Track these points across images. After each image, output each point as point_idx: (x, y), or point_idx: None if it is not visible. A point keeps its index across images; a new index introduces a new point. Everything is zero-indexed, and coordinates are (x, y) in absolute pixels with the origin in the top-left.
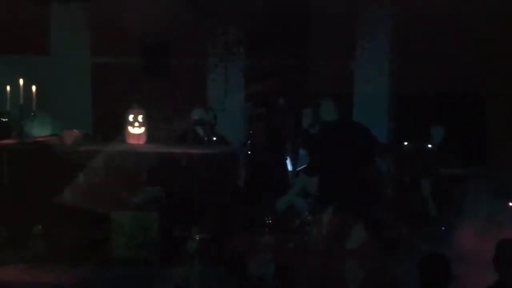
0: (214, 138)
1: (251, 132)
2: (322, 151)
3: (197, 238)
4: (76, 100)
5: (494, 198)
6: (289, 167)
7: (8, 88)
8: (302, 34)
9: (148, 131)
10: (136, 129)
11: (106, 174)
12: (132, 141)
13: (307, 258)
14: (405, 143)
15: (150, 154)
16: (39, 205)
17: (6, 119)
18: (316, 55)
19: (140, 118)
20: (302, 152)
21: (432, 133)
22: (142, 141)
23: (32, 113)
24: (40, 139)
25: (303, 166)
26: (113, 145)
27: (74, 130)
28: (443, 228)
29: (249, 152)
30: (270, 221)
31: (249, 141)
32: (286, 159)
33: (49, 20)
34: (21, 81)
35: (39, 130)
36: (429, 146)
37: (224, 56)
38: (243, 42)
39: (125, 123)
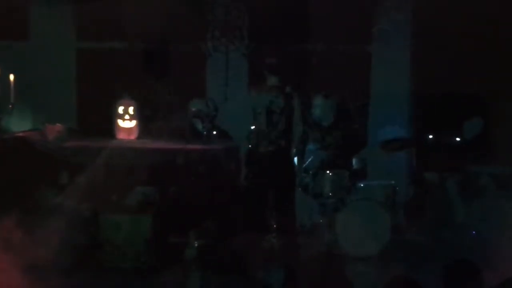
0: (214, 132)
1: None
2: None
3: (196, 245)
4: (59, 90)
5: None
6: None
7: None
8: (315, 14)
9: (140, 125)
10: (126, 123)
11: (93, 173)
12: (122, 136)
13: (318, 263)
14: (430, 136)
15: (142, 150)
16: (18, 207)
17: None
18: (327, 40)
19: (131, 110)
20: (311, 146)
21: (464, 127)
22: (133, 136)
23: (10, 106)
24: (19, 134)
25: (310, 160)
26: (101, 141)
27: (57, 124)
28: (473, 232)
29: (250, 146)
30: (277, 225)
31: (252, 131)
32: (294, 153)
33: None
34: None
35: (18, 125)
36: (458, 140)
37: (225, 38)
38: (247, 23)
39: (114, 116)
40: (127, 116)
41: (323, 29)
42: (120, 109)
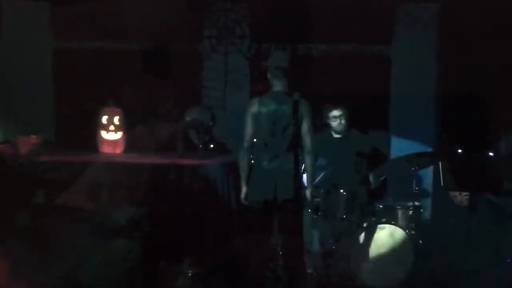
0: (212, 146)
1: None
2: None
3: (190, 274)
4: (33, 97)
5: None
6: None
7: None
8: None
9: (127, 137)
10: (111, 134)
11: (73, 192)
12: (106, 149)
13: None
14: (459, 151)
15: (129, 166)
16: None
17: None
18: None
19: (116, 120)
20: (322, 161)
21: (501, 142)
22: (119, 150)
23: None
24: None
25: (321, 176)
26: (82, 155)
27: (32, 136)
28: (508, 260)
29: (252, 161)
30: (283, 251)
31: (254, 144)
32: (303, 169)
33: None
34: None
35: None
36: (492, 155)
37: (224, 38)
38: (249, 20)
39: (97, 126)
40: (112, 127)
41: (338, 29)
42: (104, 119)
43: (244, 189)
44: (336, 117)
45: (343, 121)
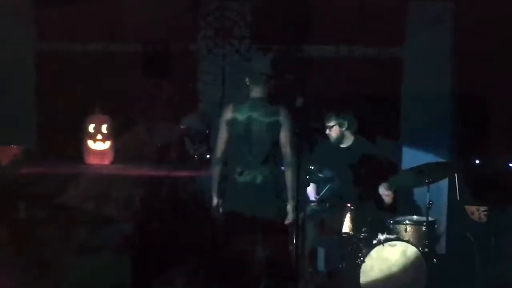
0: (208, 156)
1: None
2: None
3: None
4: (14, 103)
5: None
6: (312, 195)
7: None
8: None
9: (116, 147)
10: (98, 144)
11: (57, 206)
12: (93, 160)
13: None
14: (476, 161)
15: (118, 178)
16: None
17: None
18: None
19: (104, 128)
20: (327, 172)
21: None
22: (107, 161)
23: None
24: None
25: (326, 189)
26: (67, 167)
27: (12, 145)
28: None
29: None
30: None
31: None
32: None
33: None
34: None
35: None
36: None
37: (221, 39)
38: (249, 19)
39: (83, 135)
40: (99, 136)
41: (344, 29)
42: (91, 127)
43: (214, 201)
44: (330, 126)
45: (339, 129)
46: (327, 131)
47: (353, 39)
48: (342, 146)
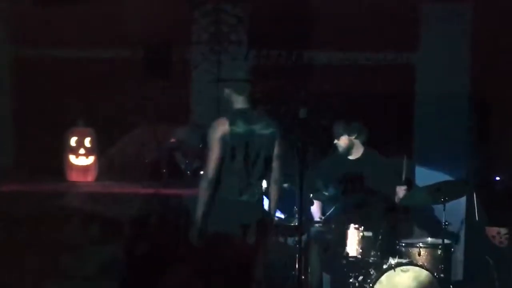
0: (202, 172)
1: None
2: None
3: None
4: None
5: None
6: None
7: None
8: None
9: (100, 162)
10: (81, 159)
11: (35, 228)
12: (75, 177)
13: None
14: (497, 179)
15: (102, 197)
16: None
17: None
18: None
19: (87, 142)
20: (332, 190)
21: None
22: (90, 177)
23: None
24: None
25: (333, 209)
26: (47, 184)
27: None
28: None
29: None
30: None
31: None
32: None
33: None
34: None
35: None
36: None
37: (217, 44)
38: (246, 23)
39: (64, 149)
40: (82, 150)
41: (352, 34)
42: (73, 141)
43: (197, 225)
44: (339, 135)
45: (348, 138)
46: (335, 141)
47: (363, 44)
48: (350, 157)
